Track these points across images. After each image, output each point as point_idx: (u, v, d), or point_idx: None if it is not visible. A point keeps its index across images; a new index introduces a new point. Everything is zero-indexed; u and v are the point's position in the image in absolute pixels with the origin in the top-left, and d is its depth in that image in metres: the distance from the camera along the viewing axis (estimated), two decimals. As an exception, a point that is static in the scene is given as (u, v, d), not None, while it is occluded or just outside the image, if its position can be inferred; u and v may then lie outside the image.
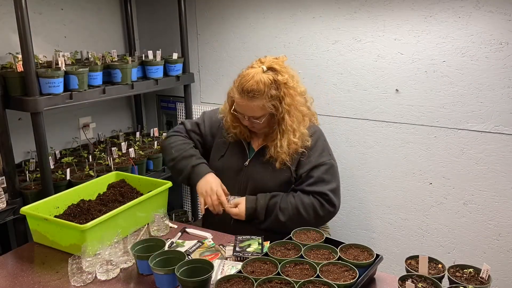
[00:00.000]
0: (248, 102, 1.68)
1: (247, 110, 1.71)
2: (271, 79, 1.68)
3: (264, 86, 1.66)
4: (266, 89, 1.66)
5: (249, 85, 1.66)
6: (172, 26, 2.81)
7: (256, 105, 1.68)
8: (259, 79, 1.66)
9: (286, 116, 1.71)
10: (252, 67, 1.74)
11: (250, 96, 1.66)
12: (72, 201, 1.81)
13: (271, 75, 1.69)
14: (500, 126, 1.97)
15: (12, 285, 1.42)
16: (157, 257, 1.41)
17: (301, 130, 1.75)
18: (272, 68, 1.71)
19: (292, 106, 1.72)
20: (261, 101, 1.67)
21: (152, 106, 3.10)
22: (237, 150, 1.87)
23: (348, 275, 1.30)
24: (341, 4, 2.21)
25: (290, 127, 1.72)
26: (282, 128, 1.72)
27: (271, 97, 1.68)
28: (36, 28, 2.32)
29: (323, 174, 1.76)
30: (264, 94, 1.66)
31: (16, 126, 2.24)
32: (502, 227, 2.06)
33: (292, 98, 1.72)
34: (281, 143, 1.72)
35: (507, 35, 1.87)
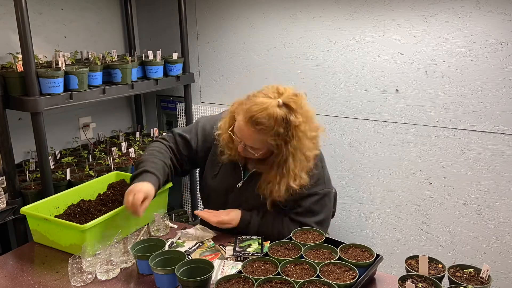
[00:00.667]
0: (251, 133, 1.53)
1: (247, 139, 1.57)
2: (283, 117, 1.50)
3: (275, 122, 1.49)
4: (275, 126, 1.50)
5: (260, 116, 1.49)
6: (172, 26, 2.81)
7: (258, 139, 1.54)
8: (272, 113, 1.49)
9: (290, 159, 1.56)
10: (267, 95, 1.54)
11: (257, 129, 1.51)
12: (72, 201, 1.80)
13: (284, 112, 1.51)
14: (500, 126, 1.97)
15: (12, 285, 1.42)
16: (157, 257, 1.41)
17: (302, 176, 1.60)
18: (288, 105, 1.52)
19: (298, 150, 1.56)
20: (265, 136, 1.52)
21: (152, 106, 3.10)
22: (231, 169, 1.74)
23: (348, 275, 1.30)
24: (341, 4, 2.21)
25: (292, 171, 1.57)
26: (283, 172, 1.57)
27: (277, 135, 1.52)
28: (36, 28, 2.32)
29: (312, 205, 1.67)
30: (272, 130, 1.50)
31: (16, 126, 2.24)
32: (502, 227, 2.06)
33: (300, 141, 1.56)
34: (278, 187, 1.58)
35: (507, 35, 1.87)
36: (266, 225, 1.70)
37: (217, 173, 1.77)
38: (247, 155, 1.63)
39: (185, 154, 1.81)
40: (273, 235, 1.67)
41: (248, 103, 1.55)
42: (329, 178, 1.76)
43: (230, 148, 1.67)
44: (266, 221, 1.70)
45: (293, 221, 1.69)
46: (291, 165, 1.57)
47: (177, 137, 1.82)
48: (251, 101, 1.54)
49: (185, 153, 1.81)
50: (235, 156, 1.69)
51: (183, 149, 1.80)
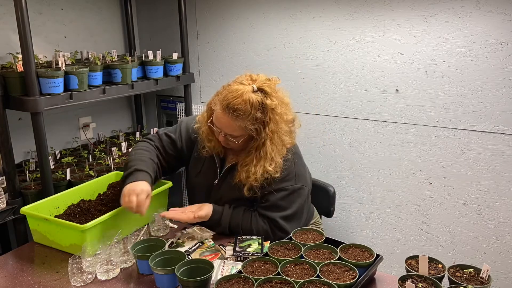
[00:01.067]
0: (229, 120, 1.57)
1: (226, 127, 1.60)
2: (259, 101, 1.55)
3: (251, 107, 1.54)
4: (252, 111, 1.54)
5: (236, 103, 1.53)
6: (172, 26, 2.81)
7: (236, 125, 1.57)
8: (248, 99, 1.53)
9: (268, 142, 1.60)
10: (241, 83, 1.60)
11: (235, 115, 1.55)
12: (72, 201, 1.80)
13: (259, 97, 1.56)
14: (500, 126, 1.97)
15: (12, 285, 1.42)
16: (157, 257, 1.41)
17: (277, 160, 1.63)
18: (263, 89, 1.58)
19: (275, 133, 1.61)
20: (243, 122, 1.56)
21: (152, 106, 3.10)
22: (210, 167, 1.78)
23: (348, 275, 1.30)
24: (341, 4, 2.21)
25: (269, 154, 1.61)
26: (260, 155, 1.61)
27: (255, 120, 1.56)
28: (36, 28, 2.32)
29: (279, 200, 1.67)
30: (250, 116, 1.55)
31: (16, 126, 2.24)
32: (502, 227, 2.06)
33: (277, 124, 1.60)
34: (255, 169, 1.61)
35: (507, 35, 1.87)
36: (237, 217, 1.70)
37: (200, 171, 1.80)
38: (228, 144, 1.67)
39: (171, 153, 1.83)
40: (242, 228, 1.69)
41: (223, 92, 1.60)
42: (302, 174, 1.74)
43: (209, 140, 1.72)
44: (237, 213, 1.71)
45: (261, 215, 1.70)
46: (269, 148, 1.61)
47: (163, 136, 1.85)
48: (226, 90, 1.59)
49: (171, 152, 1.83)
50: (216, 148, 1.73)
51: (168, 148, 1.83)
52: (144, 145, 1.82)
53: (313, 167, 1.81)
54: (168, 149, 1.83)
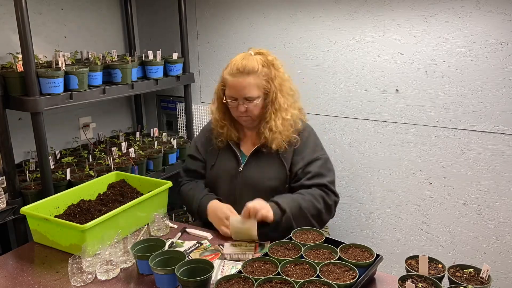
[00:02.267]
0: (243, 80, 1.72)
1: (243, 89, 1.73)
2: (262, 59, 1.76)
3: (257, 63, 1.73)
4: (259, 67, 1.73)
5: (243, 63, 1.72)
6: (172, 26, 2.81)
7: (252, 82, 1.72)
8: (251, 58, 1.75)
9: (279, 94, 1.76)
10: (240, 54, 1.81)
11: (246, 73, 1.71)
12: (72, 201, 1.81)
13: (260, 56, 1.77)
14: (500, 126, 1.97)
15: (12, 285, 1.42)
16: (157, 257, 1.41)
17: (292, 111, 1.79)
18: (260, 52, 1.80)
19: (282, 86, 1.78)
20: (256, 78, 1.72)
21: (152, 106, 3.10)
22: (228, 156, 1.87)
23: (348, 275, 1.30)
24: (341, 4, 2.21)
25: (283, 105, 1.76)
26: (275, 108, 1.76)
27: (265, 74, 1.74)
28: (36, 28, 2.32)
29: (319, 168, 1.78)
30: (258, 71, 1.73)
31: (16, 126, 2.24)
32: (502, 227, 2.06)
33: (281, 79, 1.79)
34: (275, 122, 1.74)
35: (507, 35, 1.87)
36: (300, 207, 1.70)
37: (214, 163, 1.88)
38: (248, 113, 1.77)
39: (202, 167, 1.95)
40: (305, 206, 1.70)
41: (228, 66, 1.78)
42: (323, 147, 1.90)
43: (222, 126, 1.84)
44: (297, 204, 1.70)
45: (307, 187, 1.75)
46: (281, 99, 1.76)
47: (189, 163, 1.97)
48: (231, 63, 1.77)
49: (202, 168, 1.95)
50: (229, 133, 1.84)
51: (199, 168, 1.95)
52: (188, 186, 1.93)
53: (313, 167, 1.82)
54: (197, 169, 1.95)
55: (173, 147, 2.62)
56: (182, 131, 2.98)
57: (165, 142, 2.68)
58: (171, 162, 2.60)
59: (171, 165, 2.61)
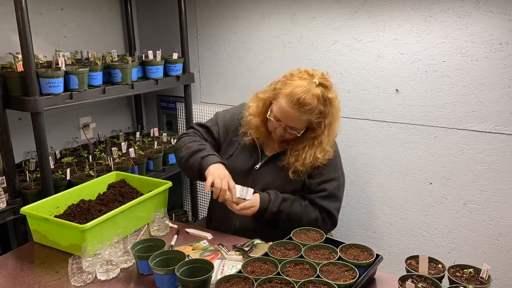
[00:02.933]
0: (295, 113, 1.62)
1: (291, 120, 1.65)
2: (322, 95, 1.63)
3: (318, 102, 1.62)
4: (318, 105, 1.62)
5: (305, 98, 1.59)
6: (172, 26, 2.81)
7: (304, 118, 1.64)
8: (315, 94, 1.61)
9: (326, 132, 1.69)
10: (302, 78, 1.65)
11: (303, 110, 1.61)
12: (72, 201, 1.81)
13: (321, 91, 1.63)
14: (500, 126, 1.97)
15: (12, 285, 1.42)
16: (157, 257, 1.41)
17: (327, 149, 1.71)
18: (323, 84, 1.65)
19: (331, 125, 1.70)
20: (309, 116, 1.63)
21: (152, 106, 3.10)
22: (248, 151, 1.82)
23: (348, 275, 1.30)
24: (341, 4, 2.21)
25: (323, 144, 1.69)
26: (314, 143, 1.69)
27: (320, 113, 1.64)
28: (36, 28, 2.32)
29: (335, 190, 1.75)
30: (316, 110, 1.62)
31: (16, 126, 2.24)
32: (502, 227, 2.06)
33: (334, 117, 1.70)
34: (305, 155, 1.68)
35: (507, 35, 1.87)
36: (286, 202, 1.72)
37: (232, 154, 1.84)
38: (284, 136, 1.71)
39: (210, 141, 1.88)
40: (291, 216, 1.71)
41: (287, 87, 1.63)
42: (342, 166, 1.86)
43: (259, 132, 1.76)
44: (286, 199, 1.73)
45: (314, 204, 1.74)
46: (325, 139, 1.70)
47: (197, 127, 1.91)
48: (291, 85, 1.63)
49: (210, 139, 1.89)
50: (260, 139, 1.78)
51: (207, 136, 1.89)
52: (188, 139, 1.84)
53: (313, 167, 1.82)
54: (206, 137, 1.88)
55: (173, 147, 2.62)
56: (182, 131, 2.98)
57: (165, 142, 2.68)
58: (171, 162, 2.60)
59: (171, 165, 2.61)
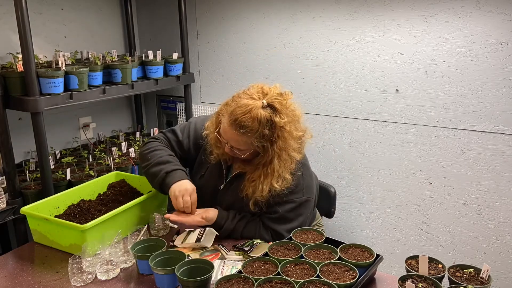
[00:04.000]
0: (235, 133, 1.53)
1: (232, 140, 1.57)
2: (267, 118, 1.50)
3: (259, 124, 1.49)
4: (259, 128, 1.50)
5: (243, 119, 1.49)
6: (172, 26, 2.81)
7: (242, 140, 1.54)
8: (256, 116, 1.48)
9: (275, 160, 1.56)
10: (251, 97, 1.54)
11: (241, 131, 1.50)
12: (72, 201, 1.80)
13: (268, 114, 1.50)
14: (500, 126, 1.97)
15: (12, 285, 1.42)
16: (157, 257, 1.40)
17: (285, 176, 1.59)
18: (273, 106, 1.52)
19: (283, 150, 1.56)
20: (250, 138, 1.52)
21: (152, 106, 3.10)
22: (216, 171, 1.75)
23: (348, 275, 1.30)
24: (341, 4, 2.21)
25: (276, 172, 1.57)
26: (268, 171, 1.58)
27: (262, 137, 1.52)
28: (36, 28, 2.32)
29: (287, 212, 1.66)
30: (256, 133, 1.50)
31: (16, 126, 2.24)
32: (502, 227, 2.06)
33: (285, 142, 1.56)
34: (262, 186, 1.58)
35: (507, 35, 1.87)
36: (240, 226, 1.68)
37: (204, 174, 1.78)
38: (235, 155, 1.63)
39: (178, 151, 1.80)
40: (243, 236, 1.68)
41: (232, 104, 1.54)
42: (310, 186, 1.72)
43: (218, 147, 1.68)
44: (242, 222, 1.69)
45: (266, 227, 1.68)
46: (276, 165, 1.57)
47: (169, 134, 1.82)
48: (236, 103, 1.53)
49: (178, 150, 1.80)
50: (223, 155, 1.69)
51: (176, 146, 1.80)
52: (157, 145, 1.77)
53: (313, 167, 1.81)
54: (175, 147, 1.80)
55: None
56: (182, 131, 2.98)
57: (165, 142, 2.68)
58: (171, 162, 2.60)
59: (171, 165, 2.61)
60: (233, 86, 2.69)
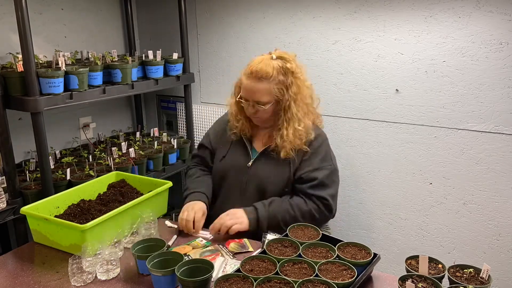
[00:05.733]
0: (255, 84, 1.70)
1: (254, 93, 1.72)
2: (280, 65, 1.71)
3: (273, 69, 1.69)
4: (274, 73, 1.69)
5: (258, 67, 1.69)
6: (172, 26, 2.81)
7: (263, 88, 1.70)
8: (269, 63, 1.70)
9: (292, 104, 1.73)
10: (261, 55, 1.78)
11: (258, 78, 1.69)
12: (72, 201, 1.81)
13: (280, 62, 1.72)
14: (500, 126, 1.97)
15: (12, 285, 1.42)
16: (155, 258, 1.40)
17: (305, 121, 1.76)
18: (281, 57, 1.75)
19: (298, 95, 1.74)
20: (268, 84, 1.70)
21: (152, 106, 3.10)
22: (239, 150, 1.87)
23: (346, 274, 1.31)
24: (341, 4, 2.21)
25: (295, 115, 1.73)
26: (288, 116, 1.73)
27: (279, 82, 1.71)
28: (36, 28, 2.32)
29: (325, 178, 1.76)
30: (272, 77, 1.69)
31: (16, 126, 2.24)
32: (502, 227, 2.06)
33: (298, 87, 1.74)
34: (287, 131, 1.73)
35: (507, 35, 1.87)
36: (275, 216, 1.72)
37: (225, 155, 1.89)
38: (258, 115, 1.77)
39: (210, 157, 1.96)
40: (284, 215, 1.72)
41: (247, 66, 1.76)
42: (334, 156, 1.87)
43: (238, 120, 1.84)
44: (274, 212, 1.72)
45: (307, 195, 1.75)
46: (294, 109, 1.73)
47: (198, 150, 2.01)
48: (249, 63, 1.76)
49: (209, 156, 1.97)
50: (244, 128, 1.84)
51: (207, 155, 1.97)
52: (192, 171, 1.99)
53: (313, 167, 1.82)
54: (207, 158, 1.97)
55: (173, 147, 2.62)
56: (182, 131, 2.98)
57: (165, 142, 2.68)
58: (171, 162, 2.60)
59: (171, 165, 2.61)
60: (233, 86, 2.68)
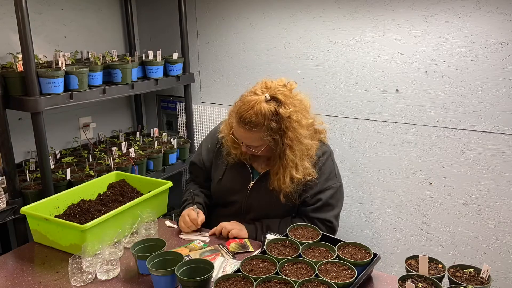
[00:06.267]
0: (245, 131, 1.58)
1: (244, 138, 1.62)
2: (272, 111, 1.54)
3: (264, 118, 1.53)
4: (265, 122, 1.54)
5: (248, 116, 1.53)
6: (172, 26, 2.81)
7: (253, 136, 1.58)
8: (259, 110, 1.52)
9: (288, 151, 1.59)
10: (255, 93, 1.59)
11: (248, 128, 1.56)
12: (72, 201, 1.81)
13: (273, 106, 1.54)
14: (500, 126, 1.97)
15: (12, 285, 1.42)
16: (155, 258, 1.40)
17: (304, 165, 1.64)
18: (276, 98, 1.57)
19: (294, 140, 1.59)
20: (258, 133, 1.56)
21: (152, 106, 3.10)
22: (239, 171, 1.78)
23: (346, 274, 1.31)
24: (341, 4, 2.21)
25: (292, 162, 1.60)
26: (284, 163, 1.61)
27: (271, 130, 1.56)
28: (36, 28, 2.32)
29: (329, 198, 1.71)
30: (263, 126, 1.55)
31: (16, 126, 2.24)
32: (502, 227, 2.06)
33: (294, 132, 1.58)
34: (284, 178, 1.62)
35: (507, 35, 1.87)
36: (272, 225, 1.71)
37: (222, 177, 1.81)
38: (252, 153, 1.68)
39: (204, 176, 1.93)
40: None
41: (238, 104, 1.60)
42: (338, 171, 1.82)
43: (235, 148, 1.73)
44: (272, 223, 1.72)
45: (310, 219, 1.71)
46: (290, 155, 1.60)
47: (191, 167, 1.98)
48: (241, 101, 1.59)
49: (202, 175, 1.93)
50: (241, 155, 1.74)
51: (200, 174, 1.94)
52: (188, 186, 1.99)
53: (313, 167, 1.82)
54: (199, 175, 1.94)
55: (173, 147, 2.62)
56: (182, 131, 2.98)
57: (165, 142, 2.68)
58: (171, 162, 2.60)
59: (171, 165, 2.61)
60: (233, 86, 2.69)
